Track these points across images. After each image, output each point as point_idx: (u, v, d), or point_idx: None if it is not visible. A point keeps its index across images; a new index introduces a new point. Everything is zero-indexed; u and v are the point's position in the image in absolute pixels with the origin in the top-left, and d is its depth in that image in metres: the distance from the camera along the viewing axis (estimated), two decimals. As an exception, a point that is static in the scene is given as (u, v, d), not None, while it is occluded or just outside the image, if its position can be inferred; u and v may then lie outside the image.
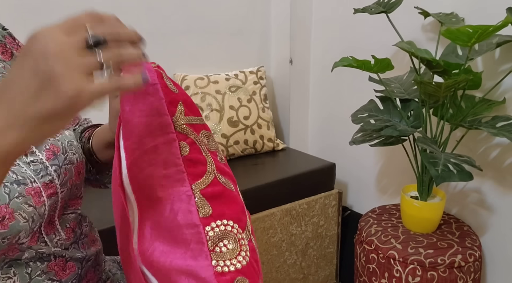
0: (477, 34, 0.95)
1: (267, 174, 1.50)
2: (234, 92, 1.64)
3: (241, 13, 1.78)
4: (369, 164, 1.66)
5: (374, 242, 1.24)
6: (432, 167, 1.00)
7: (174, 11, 1.60)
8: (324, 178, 1.60)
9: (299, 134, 1.90)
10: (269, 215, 1.43)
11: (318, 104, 1.85)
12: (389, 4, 1.22)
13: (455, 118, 1.17)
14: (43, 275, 0.61)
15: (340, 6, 1.64)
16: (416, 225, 1.26)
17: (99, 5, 1.44)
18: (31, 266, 0.60)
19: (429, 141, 1.12)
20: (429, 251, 1.16)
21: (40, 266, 0.61)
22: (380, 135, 1.23)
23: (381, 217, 1.37)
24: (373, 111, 1.29)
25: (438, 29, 1.29)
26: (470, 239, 1.22)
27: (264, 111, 1.70)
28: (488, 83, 1.20)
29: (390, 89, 1.27)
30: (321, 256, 1.65)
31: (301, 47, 1.80)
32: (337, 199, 1.62)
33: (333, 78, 1.73)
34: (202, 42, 1.70)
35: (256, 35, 1.85)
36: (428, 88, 1.07)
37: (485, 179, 1.28)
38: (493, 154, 1.25)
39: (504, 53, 1.17)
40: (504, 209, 1.25)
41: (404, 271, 1.16)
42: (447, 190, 1.39)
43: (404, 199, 1.25)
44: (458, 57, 1.16)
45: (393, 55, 1.44)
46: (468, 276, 1.16)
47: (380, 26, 1.43)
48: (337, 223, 1.66)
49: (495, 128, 1.06)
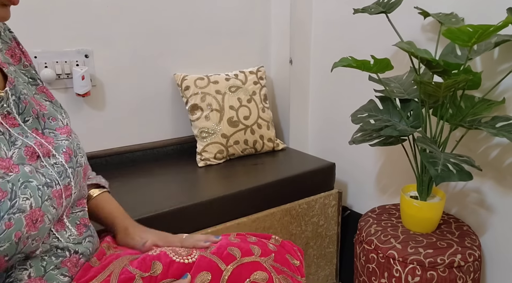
0: (478, 34, 0.95)
1: (267, 174, 1.50)
2: (234, 92, 1.64)
3: (241, 13, 1.78)
4: (369, 164, 1.66)
5: (374, 241, 1.24)
6: (431, 166, 1.00)
7: (174, 11, 1.60)
8: (324, 178, 1.60)
9: (299, 135, 1.90)
10: (269, 215, 1.43)
11: (318, 104, 1.85)
12: (388, 4, 1.23)
13: (455, 118, 1.17)
14: (56, 270, 0.63)
15: (340, 6, 1.64)
16: (415, 224, 1.26)
17: (99, 5, 1.44)
18: (46, 260, 0.62)
19: (429, 141, 1.12)
20: (429, 251, 1.16)
21: (54, 261, 0.63)
22: (380, 135, 1.23)
23: (381, 217, 1.37)
24: (373, 111, 1.29)
25: (437, 29, 1.29)
26: (469, 238, 1.22)
27: (264, 111, 1.70)
28: (487, 83, 1.20)
29: (389, 89, 1.27)
30: (321, 256, 1.65)
31: (301, 47, 1.80)
32: (337, 198, 1.62)
33: (333, 78, 1.73)
34: (202, 42, 1.70)
35: (256, 35, 1.85)
36: (427, 88, 1.07)
37: (484, 178, 1.28)
38: (493, 154, 1.25)
39: (503, 53, 1.18)
40: (504, 209, 1.25)
41: (403, 271, 1.16)
42: (447, 189, 1.39)
43: (404, 198, 1.26)
44: (457, 57, 1.17)
45: (393, 55, 1.44)
46: (468, 275, 1.16)
47: (379, 27, 1.43)
48: (337, 222, 1.67)
49: (494, 129, 1.06)
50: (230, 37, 1.77)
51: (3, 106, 0.60)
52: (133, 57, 1.55)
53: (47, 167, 0.61)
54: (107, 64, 1.51)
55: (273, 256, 0.74)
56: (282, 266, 0.74)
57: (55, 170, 0.61)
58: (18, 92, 0.63)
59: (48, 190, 0.58)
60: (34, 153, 0.60)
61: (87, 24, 1.44)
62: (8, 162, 0.56)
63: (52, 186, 0.59)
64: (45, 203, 0.57)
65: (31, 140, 0.61)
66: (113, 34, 1.50)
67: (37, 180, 0.57)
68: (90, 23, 1.44)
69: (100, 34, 1.47)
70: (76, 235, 0.67)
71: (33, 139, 0.62)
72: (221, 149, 1.60)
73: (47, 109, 0.68)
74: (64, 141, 0.66)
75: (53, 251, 0.63)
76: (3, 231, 0.51)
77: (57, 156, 0.63)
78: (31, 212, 0.54)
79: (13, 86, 0.63)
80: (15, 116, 0.62)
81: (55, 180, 0.61)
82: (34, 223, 0.55)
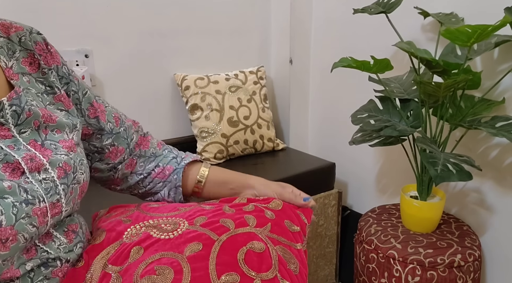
0: (476, 34, 0.95)
1: (267, 174, 1.50)
2: (234, 92, 1.64)
3: (241, 13, 1.78)
4: (368, 164, 1.66)
5: (374, 241, 1.24)
6: (431, 166, 1.00)
7: (174, 11, 1.60)
8: (324, 177, 1.60)
9: (299, 134, 1.90)
10: (269, 214, 1.43)
11: (318, 104, 1.85)
12: (388, 4, 1.23)
13: (455, 118, 1.17)
14: (46, 281, 0.61)
15: (340, 6, 1.64)
16: (415, 224, 1.26)
17: (99, 5, 1.44)
18: (34, 270, 0.59)
19: (429, 141, 1.12)
20: (429, 251, 1.16)
21: (43, 271, 0.60)
22: (380, 136, 1.23)
23: (381, 217, 1.37)
24: (373, 111, 1.29)
25: (437, 29, 1.29)
26: (469, 238, 1.22)
27: (264, 111, 1.70)
28: (487, 83, 1.20)
29: (389, 89, 1.27)
30: (320, 256, 1.65)
31: (301, 47, 1.80)
32: (336, 198, 1.62)
33: (333, 78, 1.73)
34: (202, 42, 1.70)
35: (256, 35, 1.85)
36: (427, 88, 1.07)
37: (484, 178, 1.28)
38: (493, 154, 1.25)
39: (503, 53, 1.18)
40: (504, 209, 1.25)
41: (403, 271, 1.16)
42: (447, 189, 1.39)
43: (404, 198, 1.26)
44: (457, 57, 1.17)
45: (393, 55, 1.44)
46: (468, 275, 1.16)
47: (379, 27, 1.43)
48: (337, 222, 1.67)
49: (494, 129, 1.06)
50: (230, 37, 1.77)
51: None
52: (133, 57, 1.55)
53: (33, 182, 0.58)
54: (107, 64, 1.51)
55: (269, 226, 0.72)
56: (278, 236, 0.71)
57: (42, 186, 0.59)
58: (23, 103, 0.62)
59: (27, 207, 0.55)
60: (17, 168, 0.57)
61: (87, 24, 1.44)
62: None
63: (34, 203, 0.56)
64: (21, 221, 0.54)
65: (21, 153, 0.59)
66: (113, 34, 1.50)
67: (15, 196, 0.54)
68: (90, 23, 1.44)
69: (100, 34, 1.47)
70: (66, 242, 0.65)
71: (24, 153, 0.59)
72: (221, 148, 1.60)
73: (57, 121, 0.66)
74: (64, 156, 0.64)
75: (42, 261, 0.60)
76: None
77: (50, 170, 0.61)
78: (0, 230, 0.51)
79: (18, 97, 0.62)
80: (9, 127, 0.60)
81: (39, 196, 0.57)
82: (4, 242, 0.51)
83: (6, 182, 0.55)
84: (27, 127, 0.62)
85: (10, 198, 0.54)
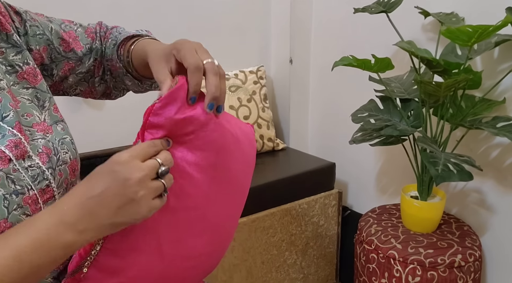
0: (477, 33, 0.95)
1: (267, 174, 1.49)
2: (234, 92, 1.64)
3: (241, 13, 1.78)
4: (369, 164, 1.66)
5: (374, 241, 1.24)
6: (432, 166, 1.00)
7: (174, 11, 1.60)
8: (324, 177, 1.59)
9: (299, 134, 1.89)
10: (269, 214, 1.43)
11: (318, 104, 1.85)
12: (389, 3, 1.22)
13: (455, 118, 1.17)
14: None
15: (340, 6, 1.64)
16: (416, 224, 1.25)
17: (99, 5, 1.44)
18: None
19: (429, 141, 1.12)
20: (429, 251, 1.16)
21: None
22: (380, 135, 1.23)
23: (381, 217, 1.37)
24: (373, 111, 1.29)
25: (438, 29, 1.29)
26: (470, 239, 1.22)
27: (264, 111, 1.70)
28: (487, 83, 1.20)
29: (390, 89, 1.27)
30: (321, 256, 1.65)
31: (301, 47, 1.80)
32: (337, 198, 1.62)
33: (333, 77, 1.73)
34: (202, 42, 1.69)
35: (256, 35, 1.85)
36: (428, 88, 1.07)
37: (485, 178, 1.28)
38: (493, 154, 1.24)
39: (503, 52, 1.17)
40: (504, 209, 1.25)
41: (404, 271, 1.16)
42: (447, 189, 1.38)
43: (404, 198, 1.25)
44: (457, 57, 1.16)
45: (393, 55, 1.44)
46: (468, 276, 1.16)
47: (380, 26, 1.42)
48: (337, 222, 1.66)
49: (495, 129, 1.06)
50: (230, 36, 1.77)
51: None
52: (133, 56, 1.55)
53: (20, 170, 0.55)
54: (107, 64, 1.50)
55: None
56: None
57: (29, 174, 0.56)
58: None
59: (18, 198, 0.53)
60: (4, 156, 0.55)
61: (86, 24, 1.43)
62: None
63: (23, 192, 0.54)
64: (14, 213, 0.52)
65: (4, 141, 0.56)
66: (113, 33, 1.49)
67: (5, 188, 0.53)
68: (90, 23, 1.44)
69: (100, 34, 1.47)
70: None
71: (9, 139, 0.56)
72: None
73: (20, 106, 0.62)
74: (41, 140, 0.60)
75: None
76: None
77: (33, 157, 0.58)
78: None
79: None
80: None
81: (27, 185, 0.55)
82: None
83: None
84: (8, 110, 0.58)
85: (1, 191, 0.52)
